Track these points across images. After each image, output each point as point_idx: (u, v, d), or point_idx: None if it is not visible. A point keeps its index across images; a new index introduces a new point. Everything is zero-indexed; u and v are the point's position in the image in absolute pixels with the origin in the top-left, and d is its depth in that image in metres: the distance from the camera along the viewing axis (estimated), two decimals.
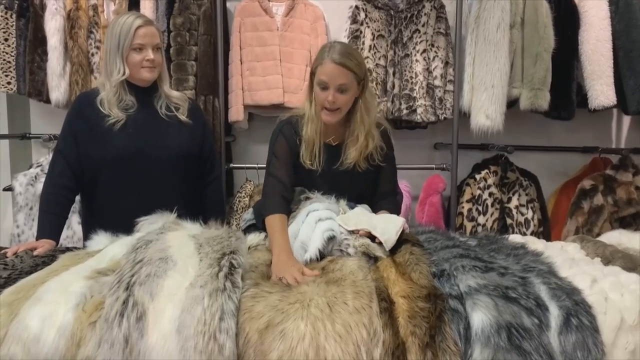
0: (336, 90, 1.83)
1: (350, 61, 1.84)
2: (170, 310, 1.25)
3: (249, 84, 2.95)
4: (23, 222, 2.89)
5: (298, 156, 1.92)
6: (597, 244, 1.78)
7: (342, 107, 1.88)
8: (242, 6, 2.99)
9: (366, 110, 1.92)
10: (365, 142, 1.92)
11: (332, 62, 1.82)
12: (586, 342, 1.24)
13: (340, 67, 1.81)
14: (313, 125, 1.90)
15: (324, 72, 1.83)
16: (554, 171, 3.26)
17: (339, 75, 1.82)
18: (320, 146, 1.91)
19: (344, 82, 1.83)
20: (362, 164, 1.94)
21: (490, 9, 2.77)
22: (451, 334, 1.25)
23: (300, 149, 1.92)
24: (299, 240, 1.59)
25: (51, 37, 2.86)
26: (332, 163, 1.93)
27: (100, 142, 2.01)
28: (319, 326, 1.22)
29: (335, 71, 1.82)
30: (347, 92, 1.85)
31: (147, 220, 1.69)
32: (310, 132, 1.90)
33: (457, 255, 1.51)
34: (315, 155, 1.90)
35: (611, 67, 2.82)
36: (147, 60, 2.01)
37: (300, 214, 1.67)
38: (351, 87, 1.85)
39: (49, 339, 1.21)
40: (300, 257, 1.53)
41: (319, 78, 1.85)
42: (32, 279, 1.41)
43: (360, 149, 1.92)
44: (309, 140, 1.91)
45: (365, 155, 1.93)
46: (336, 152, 1.94)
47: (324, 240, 1.55)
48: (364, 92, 1.92)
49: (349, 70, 1.83)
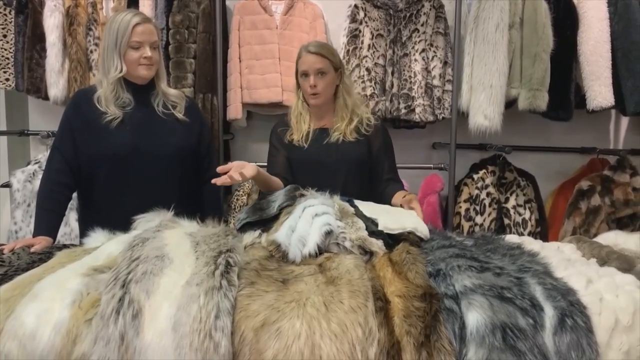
0: (315, 75, 2.12)
1: (323, 50, 2.16)
2: (166, 308, 1.25)
3: (247, 82, 2.95)
4: (21, 218, 2.90)
5: (289, 141, 2.20)
6: (593, 245, 1.78)
7: (323, 91, 2.15)
8: (241, 4, 2.99)
9: (347, 92, 2.21)
10: (349, 120, 2.19)
11: (308, 53, 2.14)
12: (580, 342, 1.24)
13: (315, 55, 2.12)
14: (301, 116, 2.21)
15: (303, 63, 2.15)
16: (552, 171, 3.27)
17: (315, 62, 2.12)
18: (309, 129, 2.20)
19: (321, 66, 2.12)
20: (350, 135, 2.17)
21: (489, 9, 2.77)
22: (446, 333, 1.25)
23: (287, 133, 2.21)
24: (296, 235, 1.59)
25: (50, 34, 2.87)
26: (322, 140, 2.19)
27: (97, 139, 2.01)
28: (315, 325, 1.22)
29: (312, 58, 2.12)
30: (325, 75, 2.13)
31: (144, 218, 1.69)
32: (298, 121, 2.21)
33: (453, 255, 1.51)
34: (303, 135, 2.18)
35: (609, 68, 2.83)
36: (144, 58, 2.01)
37: (296, 210, 1.67)
38: (329, 71, 2.14)
39: (45, 336, 1.21)
40: (298, 252, 1.54)
41: (300, 70, 2.16)
42: (28, 276, 1.41)
43: (346, 124, 2.18)
44: (296, 127, 2.20)
45: (352, 128, 2.18)
46: (326, 132, 2.21)
47: (322, 235, 1.56)
48: (342, 79, 2.21)
49: (324, 57, 2.13)
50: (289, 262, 1.51)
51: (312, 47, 2.15)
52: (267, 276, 1.40)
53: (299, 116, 2.21)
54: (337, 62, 2.18)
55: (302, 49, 2.18)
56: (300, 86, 2.20)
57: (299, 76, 2.18)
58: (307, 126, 2.20)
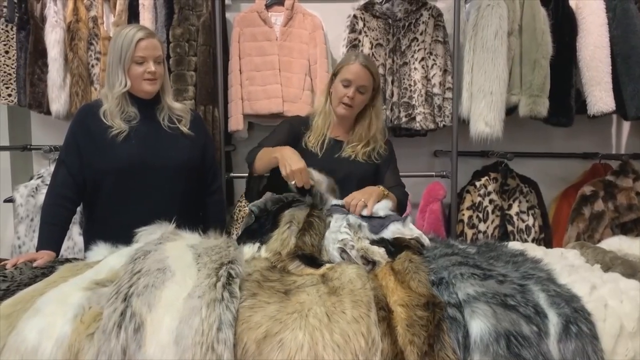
0: (357, 89, 2.08)
1: (373, 67, 2.13)
2: (168, 321, 1.24)
3: (248, 94, 2.97)
4: (24, 233, 2.90)
5: (300, 140, 2.14)
6: (597, 251, 1.77)
7: (356, 106, 2.12)
8: (241, 16, 3.01)
9: (376, 116, 2.18)
10: (366, 143, 2.16)
11: (359, 64, 2.08)
12: (586, 349, 1.23)
13: (365, 69, 2.08)
14: (326, 117, 2.15)
15: (349, 71, 2.08)
16: (554, 177, 3.26)
17: (363, 77, 2.08)
18: (325, 137, 2.14)
19: (365, 84, 2.09)
20: (361, 157, 2.15)
21: (488, 16, 2.78)
22: (450, 342, 1.24)
23: (306, 135, 2.16)
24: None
25: (51, 49, 2.89)
26: (334, 153, 2.15)
27: (103, 153, 2.02)
28: (317, 336, 1.21)
29: (361, 72, 2.07)
30: (365, 93, 2.11)
31: (146, 231, 1.69)
32: (321, 122, 2.15)
33: (456, 263, 1.50)
34: (319, 142, 2.13)
35: (609, 73, 2.83)
36: (148, 73, 2.02)
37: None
38: (368, 90, 2.12)
39: (47, 351, 1.21)
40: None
41: (344, 76, 2.09)
42: (31, 291, 1.40)
43: (362, 147, 2.15)
44: (317, 129, 2.15)
45: (366, 152, 2.15)
46: (339, 145, 2.17)
47: (339, 251, 1.60)
48: (377, 100, 2.18)
49: (371, 74, 2.10)
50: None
51: (363, 59, 2.11)
52: (269, 287, 1.39)
53: (325, 117, 2.15)
54: (378, 83, 2.16)
55: (352, 56, 2.13)
56: (334, 90, 2.14)
57: (339, 80, 2.11)
58: (327, 131, 2.15)
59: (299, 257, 1.58)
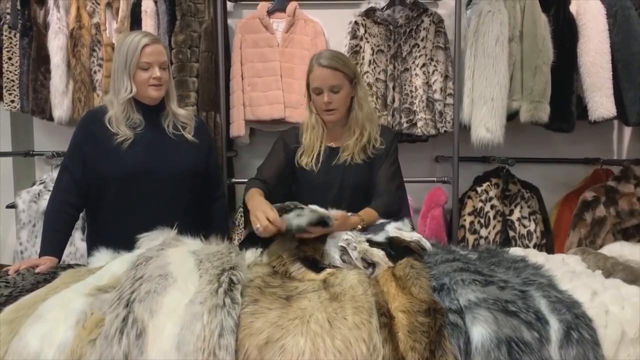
0: (329, 91, 1.98)
1: (336, 62, 2.00)
2: (170, 327, 1.25)
3: (250, 100, 2.97)
4: (26, 239, 2.90)
5: (293, 158, 2.10)
6: (598, 257, 1.77)
7: (339, 107, 2.03)
8: (242, 23, 3.02)
9: (359, 106, 2.06)
10: (359, 135, 2.06)
11: (320, 67, 1.99)
12: (587, 355, 1.24)
13: (328, 69, 1.98)
14: (314, 131, 2.08)
15: (315, 78, 2.00)
16: (556, 183, 3.26)
17: (329, 77, 1.98)
18: (320, 149, 2.08)
19: (335, 82, 1.98)
20: (358, 157, 2.06)
21: (489, 22, 2.78)
22: (451, 348, 1.24)
23: (298, 152, 2.10)
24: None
25: (54, 56, 2.90)
26: (331, 161, 2.08)
27: (108, 159, 2.03)
28: (319, 342, 1.22)
29: (325, 73, 1.98)
30: (340, 91, 2.00)
31: (148, 237, 1.69)
32: (311, 137, 2.08)
33: (457, 269, 1.50)
34: (313, 157, 2.06)
35: (610, 79, 2.83)
36: (153, 78, 2.03)
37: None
38: (343, 86, 2.00)
39: (49, 357, 1.21)
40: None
41: (313, 85, 2.02)
42: (33, 297, 1.41)
43: (356, 141, 2.05)
44: (308, 145, 2.09)
45: (362, 146, 2.05)
46: (336, 152, 2.09)
47: (339, 253, 1.61)
48: (357, 88, 2.06)
49: (337, 70, 1.99)
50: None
51: (324, 60, 1.99)
52: (271, 293, 1.40)
53: (312, 131, 2.08)
54: (351, 72, 2.03)
55: (314, 61, 2.01)
56: (313, 101, 2.05)
57: (312, 91, 2.03)
58: (319, 144, 2.08)
59: (300, 259, 1.59)
